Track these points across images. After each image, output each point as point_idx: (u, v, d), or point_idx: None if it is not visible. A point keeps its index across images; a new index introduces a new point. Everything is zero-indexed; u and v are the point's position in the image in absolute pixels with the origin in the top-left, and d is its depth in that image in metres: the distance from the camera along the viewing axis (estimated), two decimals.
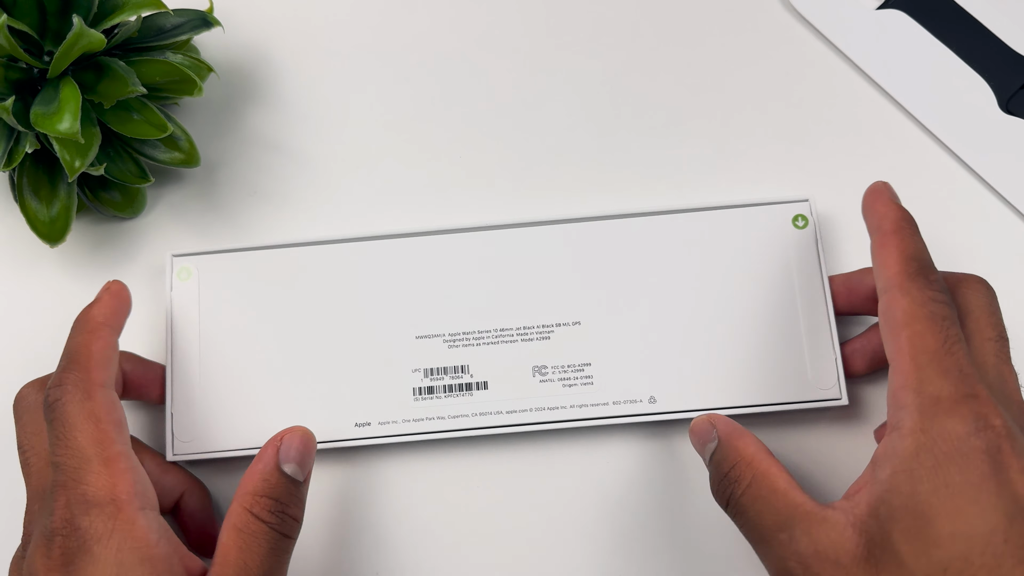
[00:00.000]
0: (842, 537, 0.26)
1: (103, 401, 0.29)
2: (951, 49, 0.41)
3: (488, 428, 0.35)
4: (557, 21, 0.43)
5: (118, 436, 0.29)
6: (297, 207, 0.40)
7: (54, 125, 0.32)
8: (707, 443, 0.31)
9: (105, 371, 0.30)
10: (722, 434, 0.31)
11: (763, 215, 0.37)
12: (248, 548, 0.28)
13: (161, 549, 0.27)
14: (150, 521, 0.28)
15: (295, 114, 0.42)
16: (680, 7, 0.42)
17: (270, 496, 0.29)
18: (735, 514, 0.29)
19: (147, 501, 0.28)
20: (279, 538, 0.29)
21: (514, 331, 0.36)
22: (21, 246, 0.40)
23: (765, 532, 0.28)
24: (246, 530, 0.29)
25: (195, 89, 0.36)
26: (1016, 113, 0.40)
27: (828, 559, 0.26)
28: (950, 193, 0.39)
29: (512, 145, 0.41)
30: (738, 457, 0.30)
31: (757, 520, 0.28)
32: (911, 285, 0.28)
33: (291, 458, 0.30)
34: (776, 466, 0.29)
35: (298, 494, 0.30)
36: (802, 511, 0.27)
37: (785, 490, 0.28)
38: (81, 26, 0.32)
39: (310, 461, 0.31)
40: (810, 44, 0.42)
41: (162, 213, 0.40)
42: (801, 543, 0.27)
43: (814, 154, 0.40)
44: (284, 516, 0.29)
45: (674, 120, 0.41)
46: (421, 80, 0.42)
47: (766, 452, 0.30)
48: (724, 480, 0.30)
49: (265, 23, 0.43)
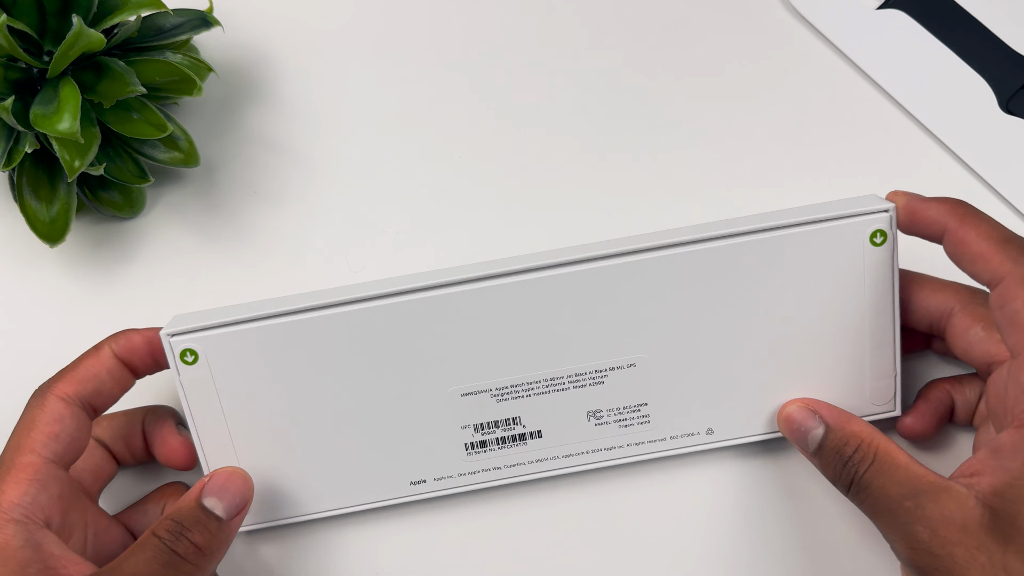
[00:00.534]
0: (967, 505, 0.27)
1: (50, 411, 0.30)
2: (951, 49, 0.41)
3: (545, 471, 0.35)
4: (557, 22, 0.43)
5: (41, 446, 0.30)
6: (297, 207, 0.40)
7: (54, 125, 0.32)
8: (810, 431, 0.32)
9: (76, 386, 0.31)
10: (832, 420, 0.32)
11: (835, 235, 0.32)
12: (132, 552, 0.29)
13: (22, 554, 0.28)
14: (18, 530, 0.28)
15: (295, 114, 0.42)
16: (680, 7, 0.42)
17: (174, 519, 0.30)
18: (859, 492, 0.30)
19: (38, 515, 0.29)
20: (168, 554, 0.29)
21: (565, 379, 0.34)
22: (21, 246, 0.40)
23: (890, 503, 0.29)
24: (140, 543, 0.29)
25: (195, 89, 0.36)
26: (1016, 113, 0.40)
27: (955, 524, 0.27)
28: (950, 193, 0.39)
29: (512, 145, 0.41)
30: (859, 439, 0.31)
31: (882, 493, 0.29)
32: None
33: (212, 492, 0.31)
34: (893, 444, 0.30)
35: (210, 526, 0.30)
36: (926, 482, 0.29)
37: (907, 464, 0.29)
38: (81, 26, 0.32)
39: (238, 501, 0.31)
40: (810, 44, 0.42)
41: (162, 213, 0.40)
42: (928, 509, 0.28)
43: (814, 154, 0.40)
44: (181, 538, 0.29)
45: (673, 120, 0.41)
46: (421, 80, 0.42)
47: (880, 432, 0.31)
48: (848, 463, 0.30)
49: (265, 23, 0.43)
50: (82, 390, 0.31)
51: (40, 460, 0.29)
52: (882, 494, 0.29)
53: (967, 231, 0.30)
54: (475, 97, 0.42)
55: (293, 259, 0.39)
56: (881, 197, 0.33)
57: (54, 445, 0.30)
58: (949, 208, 0.31)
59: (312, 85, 0.42)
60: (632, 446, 0.35)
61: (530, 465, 0.35)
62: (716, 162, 0.40)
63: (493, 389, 0.34)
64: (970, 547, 0.27)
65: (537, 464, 0.35)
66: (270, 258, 0.39)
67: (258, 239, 0.40)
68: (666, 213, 0.39)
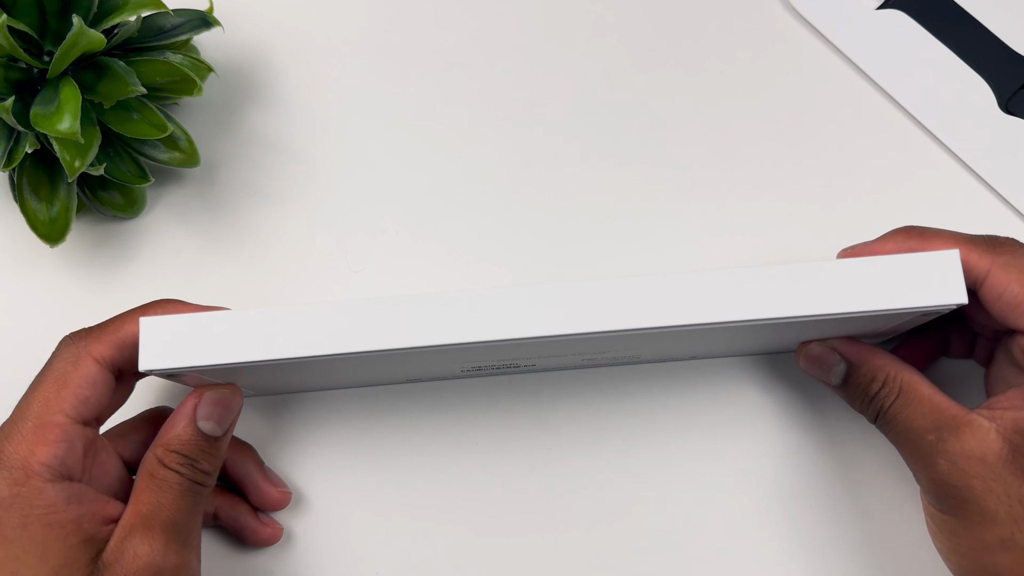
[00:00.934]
0: (987, 438, 0.28)
1: (84, 372, 0.30)
2: (951, 49, 0.41)
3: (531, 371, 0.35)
4: (556, 23, 0.43)
5: (71, 407, 0.30)
6: (297, 207, 0.40)
7: (54, 125, 0.32)
8: (832, 367, 0.33)
9: (113, 351, 0.31)
10: (853, 356, 0.32)
11: None
12: (160, 490, 0.30)
13: (68, 514, 0.29)
14: (59, 491, 0.29)
15: (295, 114, 0.42)
16: (679, 8, 0.42)
17: (180, 452, 0.31)
18: (885, 423, 0.31)
19: (64, 472, 0.29)
20: (190, 484, 0.30)
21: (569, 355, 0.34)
22: (21, 246, 0.40)
23: (913, 436, 0.30)
24: (157, 475, 0.30)
25: (195, 89, 0.36)
26: (1016, 113, 0.40)
27: (975, 456, 0.28)
28: (950, 193, 0.39)
29: (513, 145, 0.41)
30: (884, 374, 0.31)
31: (907, 425, 0.30)
32: (1007, 258, 0.29)
33: (208, 415, 0.31)
34: (916, 374, 0.31)
35: (211, 449, 0.31)
36: (948, 414, 0.30)
37: (930, 395, 0.30)
38: (81, 26, 0.32)
39: (229, 418, 0.32)
40: (810, 44, 0.42)
41: (162, 213, 0.40)
42: (949, 442, 0.29)
43: (814, 155, 0.40)
44: (195, 470, 0.31)
45: (674, 121, 0.41)
46: (422, 80, 0.42)
47: (903, 363, 0.32)
48: (875, 398, 0.31)
49: (265, 23, 0.43)
50: (117, 356, 0.31)
51: (68, 422, 0.30)
52: (906, 427, 0.30)
53: (933, 246, 0.30)
54: (475, 97, 0.42)
55: (293, 259, 0.39)
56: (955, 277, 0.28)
57: (83, 408, 0.30)
58: (902, 236, 0.31)
59: (312, 85, 0.42)
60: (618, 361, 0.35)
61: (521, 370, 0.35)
62: (716, 161, 0.40)
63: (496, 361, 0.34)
64: (988, 479, 0.28)
65: (526, 369, 0.35)
66: (270, 258, 0.39)
67: (258, 239, 0.40)
68: (666, 213, 0.39)
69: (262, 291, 0.39)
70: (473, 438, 0.37)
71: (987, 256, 0.29)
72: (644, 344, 0.32)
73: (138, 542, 0.29)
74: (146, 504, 0.30)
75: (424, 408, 0.37)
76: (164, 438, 0.31)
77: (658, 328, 0.28)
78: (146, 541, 0.29)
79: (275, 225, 0.40)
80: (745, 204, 0.39)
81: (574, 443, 0.36)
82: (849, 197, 0.39)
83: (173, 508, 0.30)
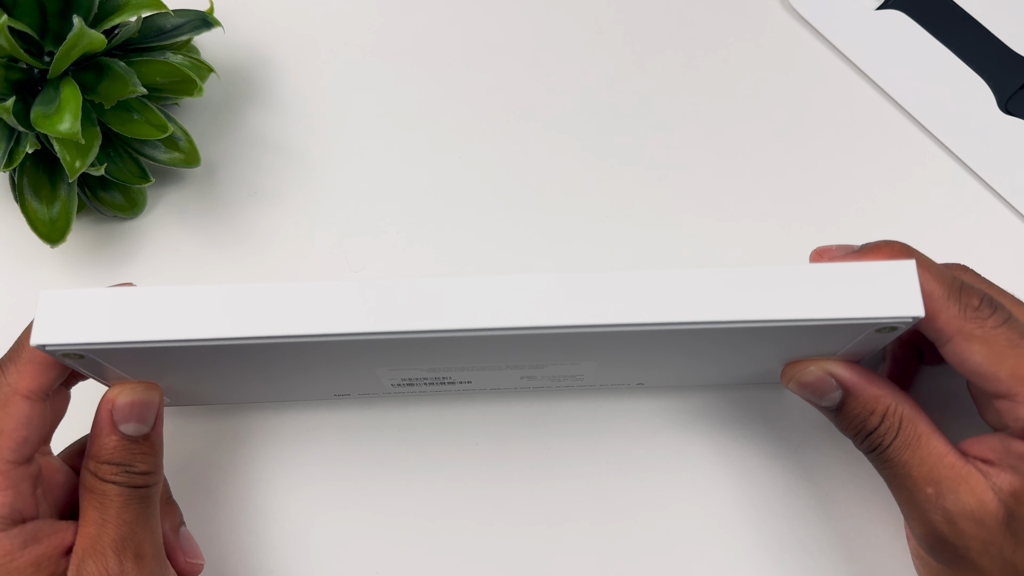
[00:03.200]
0: (985, 499, 0.28)
1: (16, 415, 0.29)
2: (950, 49, 0.41)
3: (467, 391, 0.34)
4: (556, 23, 0.43)
5: (10, 453, 0.29)
6: (297, 207, 0.40)
7: (54, 125, 0.32)
8: (826, 394, 0.30)
9: (39, 378, 0.29)
10: (851, 384, 0.30)
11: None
12: (102, 506, 0.29)
13: (26, 558, 0.28)
14: (13, 537, 0.28)
15: (295, 114, 0.42)
16: (678, 7, 0.43)
17: (111, 461, 0.29)
18: (880, 462, 0.30)
19: (16, 517, 0.29)
20: (131, 492, 0.29)
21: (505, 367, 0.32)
22: (21, 246, 0.40)
23: (911, 483, 0.29)
24: (96, 490, 0.29)
25: (195, 89, 0.36)
26: (1015, 113, 0.40)
27: (973, 518, 0.28)
28: (949, 193, 0.39)
29: (513, 146, 0.41)
30: (884, 407, 0.29)
31: (905, 471, 0.29)
32: (972, 327, 0.27)
33: (127, 417, 0.30)
34: (916, 408, 0.30)
35: (142, 449, 0.30)
36: (947, 464, 0.28)
37: (929, 436, 0.29)
38: (81, 27, 0.32)
39: (151, 414, 0.30)
40: (809, 45, 0.42)
41: (162, 213, 0.40)
42: (948, 500, 0.28)
43: (813, 155, 0.40)
44: (132, 474, 0.29)
45: (673, 121, 0.41)
46: (421, 80, 0.42)
47: (903, 395, 0.30)
48: (872, 433, 0.30)
49: (265, 23, 0.43)
50: (44, 382, 0.29)
51: (10, 468, 0.29)
52: (904, 472, 0.29)
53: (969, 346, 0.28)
54: (475, 97, 0.42)
55: (293, 259, 0.39)
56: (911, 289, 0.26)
57: (24, 449, 0.29)
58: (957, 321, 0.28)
59: (312, 85, 0.42)
60: (559, 383, 0.34)
61: (456, 390, 0.34)
62: (715, 161, 0.40)
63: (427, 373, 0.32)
64: (984, 541, 0.28)
65: (461, 387, 0.33)
66: (270, 258, 0.39)
67: (258, 239, 0.40)
68: (665, 213, 0.39)
69: None
70: (474, 438, 0.37)
71: (954, 320, 0.27)
72: (576, 357, 0.29)
73: (91, 568, 0.28)
74: (92, 524, 0.29)
75: (424, 408, 0.37)
76: (91, 451, 0.30)
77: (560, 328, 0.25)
78: (99, 564, 0.28)
79: (275, 225, 0.40)
80: (744, 204, 0.39)
81: (573, 444, 0.36)
82: (848, 197, 0.39)
83: (119, 522, 0.29)
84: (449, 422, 0.37)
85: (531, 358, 0.30)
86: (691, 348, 0.29)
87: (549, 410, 0.37)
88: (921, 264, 0.28)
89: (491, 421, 0.37)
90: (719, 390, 0.37)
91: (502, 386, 0.35)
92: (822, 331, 0.27)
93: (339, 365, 0.30)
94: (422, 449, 0.37)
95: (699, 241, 0.39)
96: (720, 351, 0.30)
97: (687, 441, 0.36)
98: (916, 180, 0.39)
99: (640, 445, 0.36)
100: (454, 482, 0.36)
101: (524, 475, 0.36)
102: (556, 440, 0.36)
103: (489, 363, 0.31)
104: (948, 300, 0.28)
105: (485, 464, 0.36)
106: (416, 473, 0.36)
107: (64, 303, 0.26)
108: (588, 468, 0.36)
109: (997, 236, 0.38)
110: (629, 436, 0.36)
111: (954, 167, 0.39)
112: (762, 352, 0.30)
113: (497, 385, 0.34)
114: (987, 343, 0.27)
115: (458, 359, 0.30)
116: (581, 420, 0.37)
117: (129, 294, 0.27)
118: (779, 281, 0.26)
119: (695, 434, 0.36)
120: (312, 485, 0.36)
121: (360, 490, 0.36)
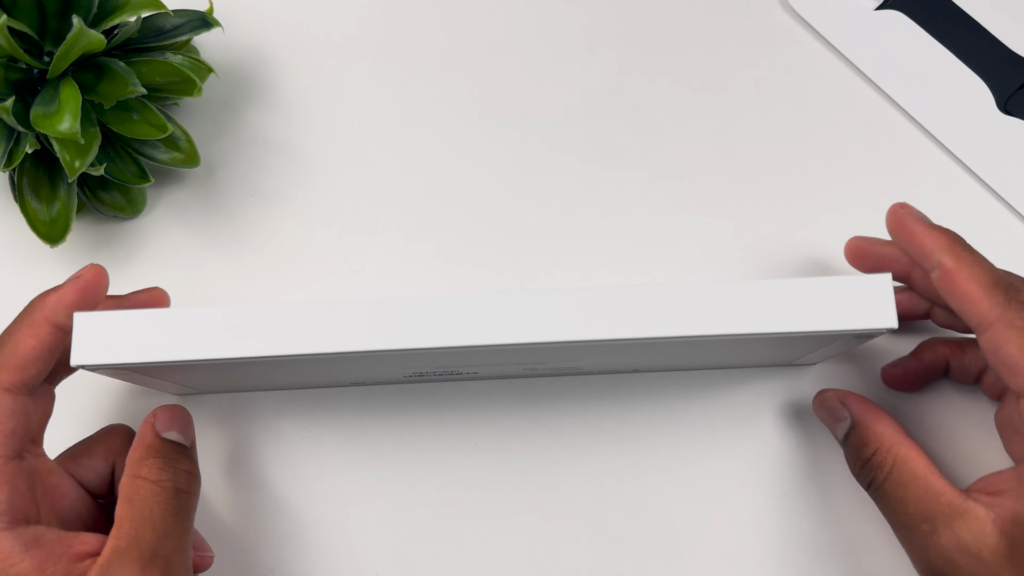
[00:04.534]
0: (984, 533, 0.27)
1: (1, 408, 0.29)
2: (950, 50, 0.41)
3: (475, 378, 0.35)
4: (556, 24, 0.43)
5: (1, 447, 0.28)
6: (297, 207, 0.40)
7: (54, 125, 0.32)
8: (839, 422, 0.32)
9: (23, 372, 0.29)
10: (857, 415, 0.31)
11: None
12: (140, 516, 0.28)
13: (29, 562, 0.27)
14: (14, 538, 0.28)
15: (295, 114, 0.42)
16: (677, 8, 0.43)
17: (156, 456, 0.29)
18: (877, 498, 0.30)
19: (16, 515, 0.28)
20: (173, 494, 0.29)
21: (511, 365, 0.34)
22: (21, 246, 0.40)
23: (907, 520, 0.29)
24: (136, 497, 0.29)
25: (195, 89, 0.36)
26: (1014, 113, 0.40)
27: (970, 553, 0.27)
28: (949, 193, 0.39)
29: (512, 146, 0.41)
30: (879, 442, 0.30)
31: (900, 508, 0.29)
32: (1014, 316, 0.27)
33: (169, 426, 0.31)
34: (915, 449, 0.30)
35: (186, 454, 0.30)
36: (944, 501, 0.28)
37: (926, 475, 0.29)
38: (81, 27, 0.32)
39: (190, 430, 0.32)
40: (808, 45, 0.42)
41: (162, 213, 0.40)
42: (944, 536, 0.28)
43: (812, 154, 0.40)
44: (176, 470, 0.29)
45: (672, 121, 0.41)
46: (421, 81, 0.42)
47: (903, 434, 0.30)
48: (866, 466, 0.30)
49: (265, 23, 0.43)
50: (25, 377, 0.29)
51: (2, 462, 0.28)
52: (899, 508, 0.29)
53: (957, 274, 0.29)
54: (475, 98, 0.42)
55: (293, 259, 0.39)
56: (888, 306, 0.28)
57: (12, 443, 0.29)
58: (946, 244, 0.29)
59: (312, 86, 0.42)
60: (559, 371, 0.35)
61: (463, 378, 0.35)
62: (714, 162, 0.40)
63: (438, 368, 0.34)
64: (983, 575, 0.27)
65: (468, 377, 0.35)
66: (270, 258, 0.39)
67: (258, 239, 0.40)
68: (664, 213, 0.39)
69: (262, 291, 0.39)
70: (474, 437, 0.37)
71: (997, 308, 0.28)
72: (574, 356, 0.31)
73: (118, 574, 0.27)
74: (125, 535, 0.28)
75: (424, 407, 0.37)
76: (133, 457, 0.30)
77: (561, 343, 0.28)
78: (126, 572, 0.27)
79: (275, 225, 0.40)
80: (743, 204, 0.39)
81: (574, 444, 0.36)
82: (848, 197, 0.39)
83: (153, 535, 0.28)
84: (449, 422, 0.37)
85: (537, 359, 0.32)
86: (690, 348, 0.31)
87: (549, 410, 0.37)
88: (970, 255, 0.29)
89: (491, 421, 0.37)
90: (719, 391, 0.37)
91: (506, 375, 0.36)
92: (807, 338, 0.29)
93: (358, 365, 0.31)
94: (422, 449, 0.37)
95: (699, 241, 0.39)
96: (716, 356, 0.32)
97: (687, 441, 0.36)
98: (915, 180, 0.39)
99: (640, 445, 0.36)
100: (454, 482, 0.36)
101: (524, 475, 0.36)
102: (556, 440, 0.37)
103: (496, 362, 0.32)
104: (995, 288, 0.28)
105: (485, 464, 0.36)
106: (416, 473, 0.36)
107: (97, 324, 0.28)
108: (588, 468, 0.36)
109: (997, 236, 0.38)
110: (629, 436, 0.36)
111: (953, 167, 0.40)
112: (755, 351, 0.32)
113: (501, 374, 0.36)
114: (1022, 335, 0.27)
115: (469, 363, 0.32)
116: (581, 420, 0.37)
117: (157, 315, 0.28)
118: (772, 293, 0.28)
119: (695, 434, 0.36)
120: (312, 485, 0.36)
121: (360, 490, 0.36)
